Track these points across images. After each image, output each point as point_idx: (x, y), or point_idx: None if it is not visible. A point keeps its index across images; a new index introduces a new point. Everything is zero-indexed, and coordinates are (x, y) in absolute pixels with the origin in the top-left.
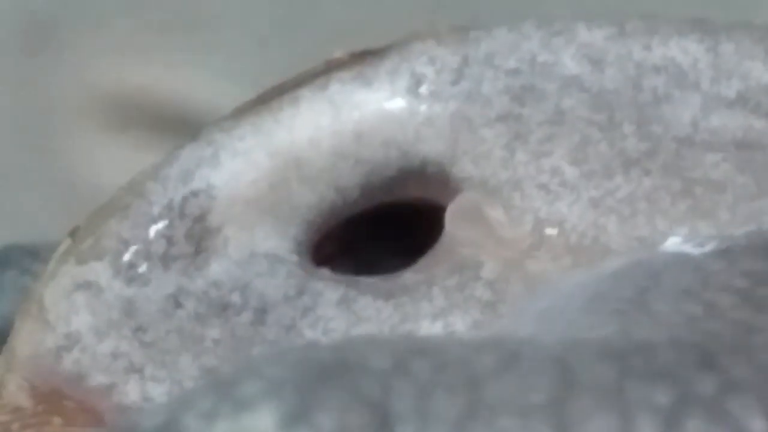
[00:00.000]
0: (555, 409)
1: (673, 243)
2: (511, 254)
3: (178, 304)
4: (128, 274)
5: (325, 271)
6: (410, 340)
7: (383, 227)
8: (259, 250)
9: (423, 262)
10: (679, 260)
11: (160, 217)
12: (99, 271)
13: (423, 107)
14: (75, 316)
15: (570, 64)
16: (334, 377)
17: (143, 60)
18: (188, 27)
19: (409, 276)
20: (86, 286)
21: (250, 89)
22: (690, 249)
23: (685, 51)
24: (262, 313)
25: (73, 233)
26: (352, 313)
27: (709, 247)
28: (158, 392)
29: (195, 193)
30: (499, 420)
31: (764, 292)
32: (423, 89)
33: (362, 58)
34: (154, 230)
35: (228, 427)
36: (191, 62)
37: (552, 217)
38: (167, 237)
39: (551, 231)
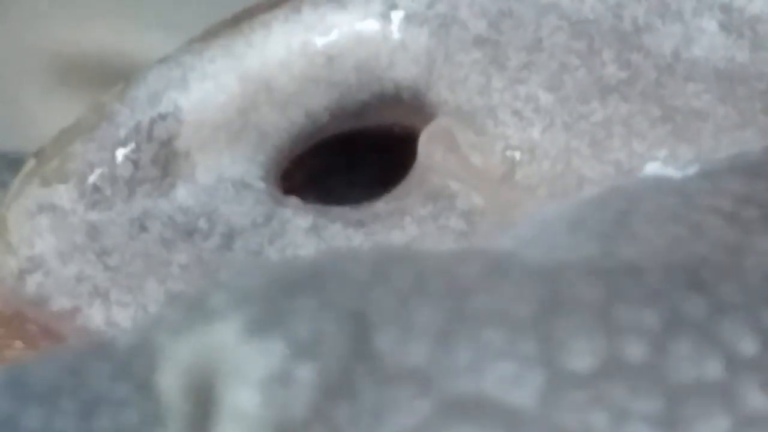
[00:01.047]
0: (541, 325)
1: (653, 167)
2: (484, 183)
3: (144, 228)
4: (93, 197)
5: (294, 199)
6: (389, 250)
7: (355, 155)
8: (226, 175)
9: (395, 191)
10: (661, 183)
11: (126, 140)
12: (63, 193)
13: (397, 31)
14: (38, 238)
15: None
16: (308, 285)
17: (89, 19)
18: None
19: (381, 205)
20: (50, 208)
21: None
22: (671, 172)
23: None
24: (229, 239)
25: (37, 154)
26: (322, 240)
27: (691, 170)
28: (123, 316)
29: (163, 116)
30: (483, 331)
31: (750, 213)
32: (397, 13)
33: None
34: (120, 153)
35: (195, 338)
36: (137, 19)
37: (524, 144)
38: (133, 160)
39: (523, 158)
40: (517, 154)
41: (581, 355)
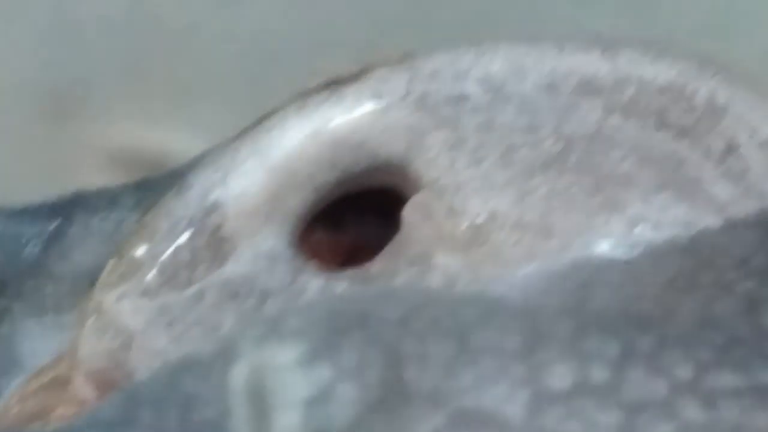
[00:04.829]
0: (526, 355)
1: (603, 249)
2: (457, 248)
3: (201, 297)
4: (163, 278)
5: (312, 264)
6: (414, 294)
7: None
8: (261, 250)
9: (386, 251)
10: (610, 264)
11: (184, 231)
12: (140, 280)
13: (382, 117)
14: (126, 319)
15: (497, 74)
16: (355, 323)
17: (150, 125)
18: (183, 92)
19: (375, 266)
20: (133, 293)
21: None
22: (619, 254)
23: (589, 62)
24: (263, 299)
25: (116, 253)
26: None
27: (635, 252)
28: None
29: (210, 210)
30: (482, 360)
31: (680, 283)
32: (381, 103)
33: (332, 84)
34: (180, 242)
35: (264, 353)
36: (190, 125)
37: (485, 217)
38: (191, 248)
39: (486, 228)
40: (480, 223)
41: (559, 377)
